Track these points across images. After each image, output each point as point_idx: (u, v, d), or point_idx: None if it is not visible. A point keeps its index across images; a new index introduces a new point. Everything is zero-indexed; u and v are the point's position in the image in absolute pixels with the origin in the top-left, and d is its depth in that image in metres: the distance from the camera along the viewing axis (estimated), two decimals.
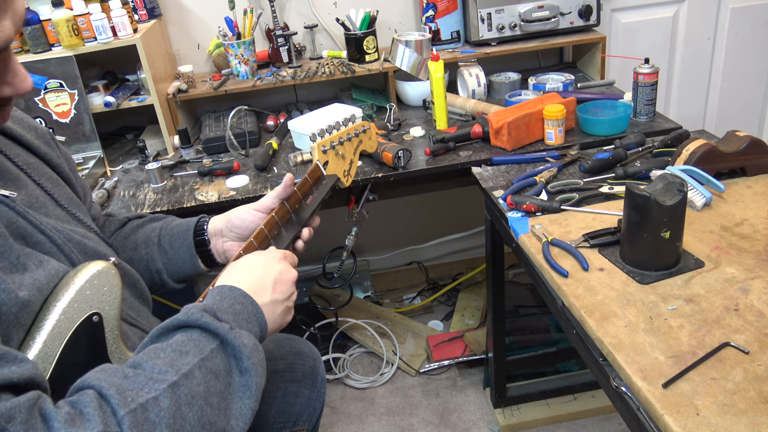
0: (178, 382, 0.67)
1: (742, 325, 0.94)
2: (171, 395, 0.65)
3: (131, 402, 0.62)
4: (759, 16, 2.41)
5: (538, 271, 1.20)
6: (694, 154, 1.32)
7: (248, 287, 0.84)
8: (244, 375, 0.73)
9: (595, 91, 2.00)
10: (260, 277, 0.87)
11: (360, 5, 2.07)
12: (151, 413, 0.63)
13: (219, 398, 0.70)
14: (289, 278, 0.90)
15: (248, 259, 0.91)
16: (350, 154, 1.18)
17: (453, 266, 2.65)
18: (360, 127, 1.20)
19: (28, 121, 0.98)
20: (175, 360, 0.69)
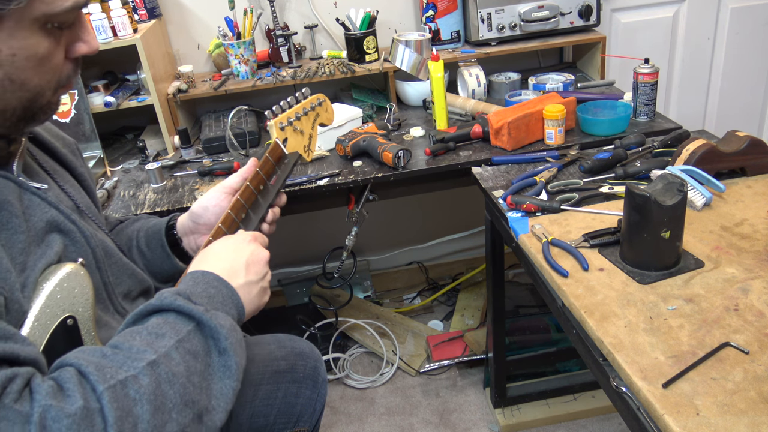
0: (156, 361, 0.67)
1: (742, 325, 0.94)
2: (150, 373, 0.66)
3: (110, 378, 0.63)
4: (759, 16, 2.41)
5: (538, 271, 1.20)
6: (694, 154, 1.32)
7: (221, 271, 0.84)
8: (222, 355, 0.73)
9: (595, 91, 2.00)
10: (232, 259, 0.87)
11: (360, 5, 2.07)
12: (131, 390, 0.63)
13: (199, 378, 0.70)
14: (261, 258, 0.90)
15: (219, 244, 0.91)
16: (308, 128, 1.17)
17: (453, 266, 2.65)
18: (315, 100, 1.19)
19: (56, 131, 1.03)
20: (152, 342, 0.70)
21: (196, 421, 0.68)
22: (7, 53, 0.69)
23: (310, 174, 1.67)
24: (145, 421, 0.62)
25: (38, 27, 0.72)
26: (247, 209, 1.03)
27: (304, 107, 1.16)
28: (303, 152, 1.16)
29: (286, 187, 1.63)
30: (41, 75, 0.74)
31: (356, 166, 1.70)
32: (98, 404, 0.60)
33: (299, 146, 1.15)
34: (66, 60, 0.77)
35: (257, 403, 1.12)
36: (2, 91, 0.71)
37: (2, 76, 0.70)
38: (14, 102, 0.73)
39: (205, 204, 1.07)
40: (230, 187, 1.07)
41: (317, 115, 1.21)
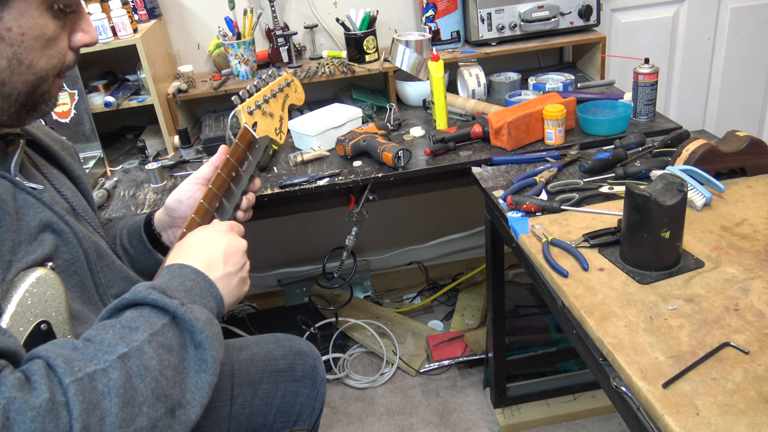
0: (128, 354, 0.67)
1: (742, 325, 0.94)
2: (120, 366, 0.65)
3: (78, 371, 0.62)
4: (759, 16, 2.41)
5: (538, 271, 1.20)
6: (694, 154, 1.32)
7: (199, 263, 0.83)
8: (198, 349, 0.72)
9: (595, 91, 2.00)
10: (209, 251, 0.86)
11: (360, 5, 2.07)
12: (99, 383, 0.63)
13: (174, 371, 0.69)
14: (239, 249, 0.89)
15: (194, 236, 0.90)
16: (278, 110, 1.14)
17: (453, 266, 2.65)
18: (283, 81, 1.16)
19: (55, 135, 1.03)
20: (125, 335, 0.69)
21: (168, 415, 0.67)
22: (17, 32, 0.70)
23: (310, 174, 1.67)
24: (113, 415, 0.62)
25: (45, 7, 0.73)
26: (220, 198, 1.01)
27: (272, 89, 1.13)
28: (274, 135, 1.13)
29: (286, 187, 1.63)
30: (47, 58, 0.75)
31: (356, 166, 1.70)
32: (64, 397, 0.60)
33: (270, 129, 1.13)
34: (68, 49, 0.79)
35: (256, 402, 1.12)
36: (10, 72, 0.72)
37: (11, 55, 0.71)
38: (20, 85, 0.74)
39: (178, 197, 1.05)
40: (202, 177, 1.06)
41: (286, 96, 1.17)
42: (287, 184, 1.64)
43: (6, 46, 0.71)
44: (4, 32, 0.70)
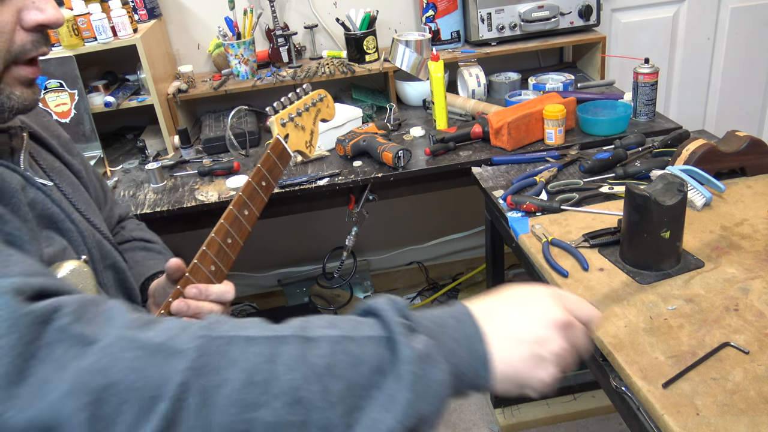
0: (287, 338, 0.51)
1: (742, 325, 0.94)
2: (268, 345, 0.50)
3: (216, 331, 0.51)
4: (759, 16, 2.41)
5: (538, 271, 1.20)
6: (694, 154, 1.32)
7: (480, 306, 0.61)
8: (397, 382, 0.51)
9: (595, 91, 2.00)
10: (503, 298, 0.63)
11: (360, 5, 2.07)
12: (234, 350, 0.49)
13: (346, 390, 0.50)
14: (547, 316, 0.61)
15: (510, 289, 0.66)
16: (310, 124, 1.14)
17: (453, 266, 2.65)
18: (317, 95, 1.17)
19: (53, 129, 1.00)
20: (309, 326, 0.54)
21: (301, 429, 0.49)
22: None
23: (310, 174, 1.67)
24: (232, 388, 0.48)
25: None
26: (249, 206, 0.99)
27: (305, 103, 1.14)
28: (305, 148, 1.14)
29: (286, 187, 1.63)
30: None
31: (356, 166, 1.70)
32: (188, 345, 0.48)
33: (301, 142, 1.13)
34: (20, 29, 0.68)
35: None
36: None
37: None
38: None
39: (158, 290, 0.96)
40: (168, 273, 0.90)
41: (318, 110, 1.18)
42: (287, 184, 1.64)
43: None
44: None
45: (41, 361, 0.44)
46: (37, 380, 0.43)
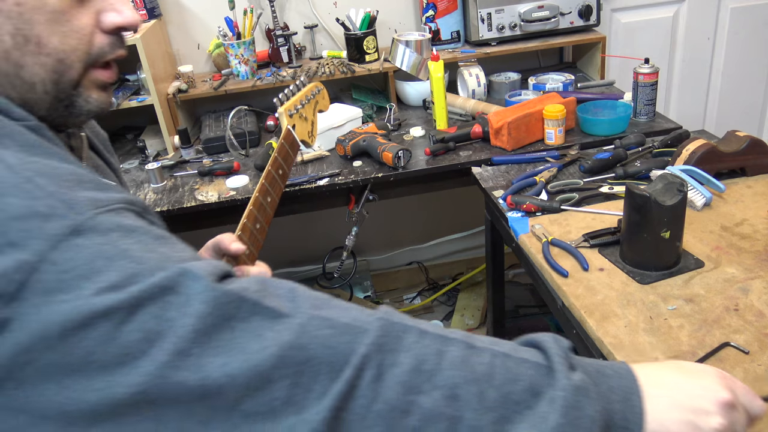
0: (457, 340, 0.55)
1: (742, 325, 0.94)
2: (438, 341, 0.54)
3: (396, 318, 0.56)
4: (759, 16, 2.41)
5: (538, 271, 1.20)
6: (694, 154, 1.32)
7: (641, 367, 0.60)
8: (551, 405, 0.53)
9: (595, 91, 2.00)
10: (667, 366, 0.62)
11: (360, 5, 2.07)
12: (408, 338, 0.54)
13: (501, 401, 0.53)
14: (711, 391, 0.59)
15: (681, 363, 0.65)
16: (311, 115, 1.20)
17: (453, 266, 2.65)
18: (314, 88, 1.23)
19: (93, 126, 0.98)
20: (476, 338, 0.57)
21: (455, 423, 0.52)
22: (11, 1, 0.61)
23: (310, 174, 1.67)
24: (402, 371, 0.52)
25: None
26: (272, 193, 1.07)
27: (306, 95, 1.19)
28: (308, 138, 1.19)
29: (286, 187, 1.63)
30: (60, 36, 0.64)
31: (356, 166, 1.70)
32: (369, 326, 0.54)
33: (304, 132, 1.18)
34: (98, 31, 0.67)
35: None
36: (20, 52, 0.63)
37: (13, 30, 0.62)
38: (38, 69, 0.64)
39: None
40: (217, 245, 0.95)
41: (317, 102, 1.24)
42: (287, 184, 1.64)
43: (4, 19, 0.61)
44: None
45: (242, 331, 0.50)
46: (238, 347, 0.49)
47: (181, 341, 0.48)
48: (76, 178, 0.55)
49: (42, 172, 0.53)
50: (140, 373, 0.47)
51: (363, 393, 0.51)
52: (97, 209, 0.52)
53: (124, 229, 0.52)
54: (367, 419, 0.51)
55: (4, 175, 0.51)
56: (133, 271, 0.50)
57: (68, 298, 0.47)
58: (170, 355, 0.47)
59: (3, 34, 0.61)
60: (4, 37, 0.62)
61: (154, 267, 0.50)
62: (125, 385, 0.47)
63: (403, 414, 0.51)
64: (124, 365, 0.47)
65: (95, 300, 0.48)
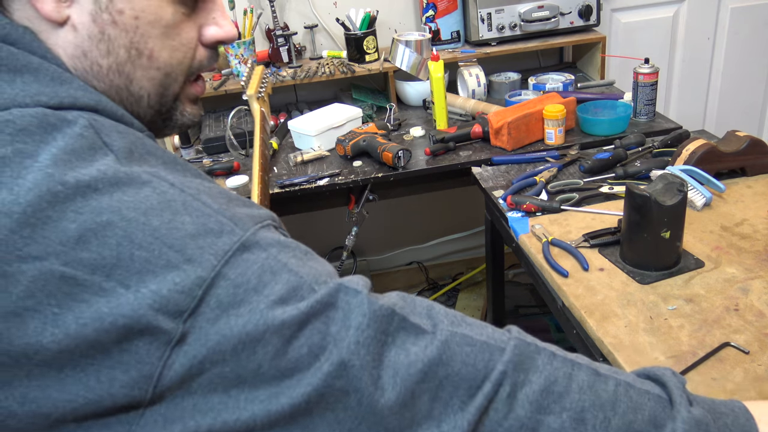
0: (581, 366, 0.57)
1: (742, 325, 0.94)
2: (566, 365, 0.56)
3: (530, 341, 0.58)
4: (759, 16, 2.41)
5: (538, 271, 1.20)
6: (694, 154, 1.32)
7: (756, 405, 0.62)
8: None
9: (595, 91, 2.00)
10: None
11: (360, 5, 2.07)
12: (540, 359, 0.56)
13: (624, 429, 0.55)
14: None
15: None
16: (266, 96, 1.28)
17: (453, 266, 2.65)
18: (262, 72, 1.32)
19: None
20: (597, 364, 0.59)
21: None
22: (129, 14, 0.60)
23: (310, 174, 1.67)
24: (533, 390, 0.54)
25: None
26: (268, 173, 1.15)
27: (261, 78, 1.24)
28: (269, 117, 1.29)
29: (286, 187, 1.64)
30: (170, 50, 0.65)
31: (356, 166, 1.70)
32: (504, 345, 0.55)
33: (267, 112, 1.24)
34: (199, 45, 0.68)
35: None
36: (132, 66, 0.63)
37: (128, 43, 0.62)
38: (146, 83, 0.65)
39: None
40: None
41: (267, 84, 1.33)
42: (287, 184, 1.64)
43: (120, 32, 0.61)
44: (116, 15, 0.60)
45: (391, 345, 0.52)
46: (389, 363, 0.51)
47: (342, 352, 0.49)
48: (227, 196, 0.56)
49: (201, 190, 0.54)
50: (304, 384, 0.49)
51: (497, 408, 0.53)
52: (256, 225, 0.54)
53: (280, 244, 0.54)
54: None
55: (173, 193, 0.52)
56: (295, 284, 0.52)
57: (242, 312, 0.49)
58: (333, 366, 0.49)
59: (118, 47, 0.62)
60: (119, 51, 0.62)
61: (312, 281, 0.53)
62: (289, 396, 0.48)
63: (531, 431, 0.53)
64: (290, 378, 0.49)
65: (268, 314, 0.49)
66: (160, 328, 0.47)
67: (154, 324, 0.47)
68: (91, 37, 0.60)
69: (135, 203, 0.50)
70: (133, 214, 0.49)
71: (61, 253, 0.47)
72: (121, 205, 0.49)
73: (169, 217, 0.50)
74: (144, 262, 0.48)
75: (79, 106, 0.56)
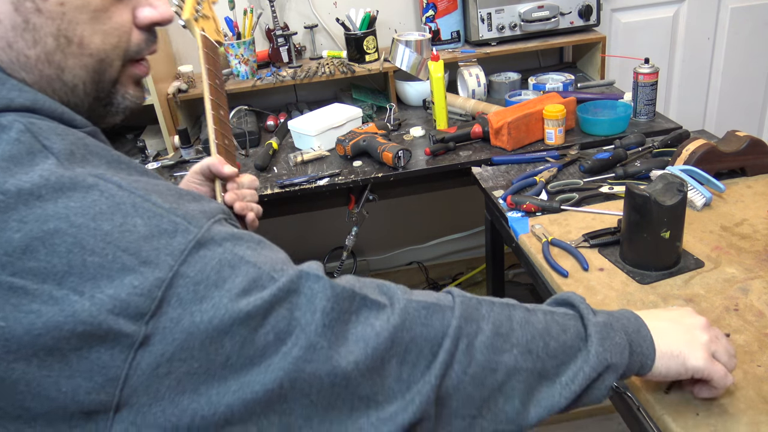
0: (517, 306, 0.66)
1: (742, 325, 0.94)
2: (505, 308, 0.65)
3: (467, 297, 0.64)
4: (759, 16, 2.41)
5: (538, 271, 1.20)
6: (694, 154, 1.32)
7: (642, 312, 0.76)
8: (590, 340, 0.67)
9: (595, 91, 2.00)
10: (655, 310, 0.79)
11: (360, 5, 2.07)
12: (483, 308, 0.63)
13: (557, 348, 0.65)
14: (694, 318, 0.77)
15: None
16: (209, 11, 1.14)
17: (453, 266, 2.65)
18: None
19: None
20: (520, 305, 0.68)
21: (534, 375, 0.63)
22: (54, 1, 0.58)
23: (310, 174, 1.67)
24: (486, 336, 0.61)
25: None
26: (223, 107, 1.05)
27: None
28: (217, 35, 1.13)
29: (286, 187, 1.64)
30: (102, 35, 0.62)
31: (356, 166, 1.70)
32: (451, 303, 0.62)
33: (212, 31, 1.12)
34: (134, 27, 0.66)
35: None
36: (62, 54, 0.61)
37: (56, 31, 0.59)
38: (79, 71, 0.63)
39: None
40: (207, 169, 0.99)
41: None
42: (287, 184, 1.64)
43: (46, 20, 0.58)
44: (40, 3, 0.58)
45: (356, 323, 0.56)
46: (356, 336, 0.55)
47: (310, 336, 0.52)
48: (176, 192, 0.57)
49: (149, 189, 0.54)
50: (275, 369, 0.50)
51: (459, 359, 0.59)
52: (209, 220, 0.54)
53: (234, 237, 0.55)
54: (464, 381, 0.59)
55: (121, 195, 0.51)
56: (254, 275, 0.53)
57: (206, 309, 0.50)
58: (302, 350, 0.51)
59: (45, 36, 0.59)
60: (47, 40, 0.59)
61: (270, 269, 0.54)
62: (261, 383, 0.50)
63: (492, 372, 0.61)
64: (259, 365, 0.50)
65: (232, 307, 0.50)
66: (121, 332, 0.47)
67: (115, 328, 0.47)
68: (15, 27, 0.57)
69: (83, 209, 0.49)
70: (82, 219, 0.48)
71: (8, 264, 0.46)
72: (69, 211, 0.48)
73: (120, 220, 0.50)
74: (98, 267, 0.47)
75: (15, 107, 0.55)
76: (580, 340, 0.66)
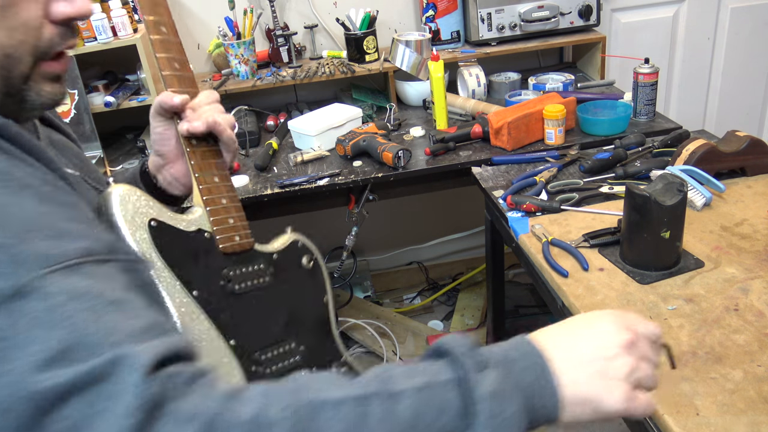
0: (375, 395, 0.53)
1: (742, 325, 0.94)
2: (356, 405, 0.52)
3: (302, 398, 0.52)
4: (759, 16, 2.41)
5: (538, 271, 1.20)
6: (694, 154, 1.32)
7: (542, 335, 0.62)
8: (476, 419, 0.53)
9: (595, 91, 2.00)
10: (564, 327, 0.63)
11: (360, 5, 2.07)
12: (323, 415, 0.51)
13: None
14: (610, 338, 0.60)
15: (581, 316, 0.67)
16: None
17: (453, 266, 2.65)
18: None
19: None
20: (389, 377, 0.55)
21: None
22: None
23: (310, 174, 1.67)
24: None
25: None
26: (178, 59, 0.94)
27: None
28: None
29: (286, 187, 1.64)
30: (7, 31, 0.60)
31: (356, 166, 1.70)
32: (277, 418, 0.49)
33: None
34: (47, 22, 0.64)
35: None
36: None
37: None
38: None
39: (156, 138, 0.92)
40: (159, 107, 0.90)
41: None
42: (287, 184, 1.64)
43: None
44: None
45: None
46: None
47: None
48: (33, 224, 0.50)
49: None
50: None
51: None
52: (46, 268, 0.47)
53: (75, 292, 0.48)
54: None
55: None
56: (71, 343, 0.46)
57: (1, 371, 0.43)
58: None
59: None
60: None
61: (96, 342, 0.46)
62: None
63: None
64: None
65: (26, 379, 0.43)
66: None
67: None
68: None
69: None
70: None
71: None
72: None
73: None
74: None
75: None
76: (461, 419, 0.53)
